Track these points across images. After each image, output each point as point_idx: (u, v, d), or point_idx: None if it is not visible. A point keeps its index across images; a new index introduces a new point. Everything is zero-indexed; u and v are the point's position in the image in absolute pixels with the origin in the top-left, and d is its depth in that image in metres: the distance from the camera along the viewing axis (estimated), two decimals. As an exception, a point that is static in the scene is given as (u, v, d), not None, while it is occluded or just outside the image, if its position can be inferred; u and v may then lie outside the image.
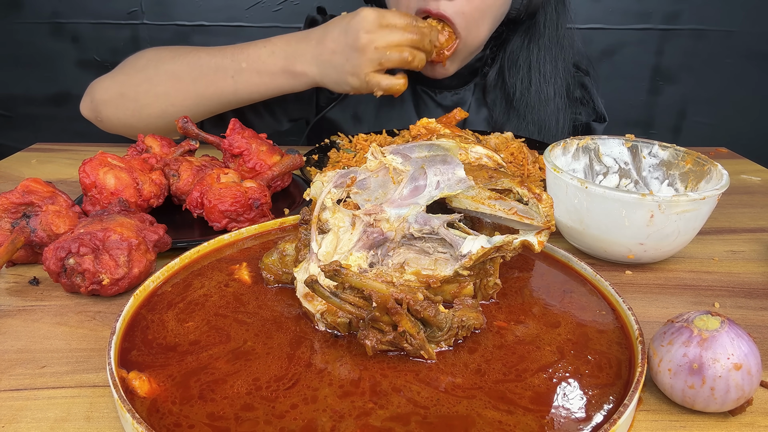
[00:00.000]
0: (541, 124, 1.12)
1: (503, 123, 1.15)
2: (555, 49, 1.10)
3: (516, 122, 1.14)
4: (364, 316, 0.49)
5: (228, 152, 0.88)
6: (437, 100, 1.17)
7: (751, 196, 0.98)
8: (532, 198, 0.56)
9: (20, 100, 1.91)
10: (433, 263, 0.56)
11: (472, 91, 1.17)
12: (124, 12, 1.78)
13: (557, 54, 1.11)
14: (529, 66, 1.10)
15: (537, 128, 1.12)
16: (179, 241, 0.72)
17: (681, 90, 1.93)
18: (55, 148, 1.18)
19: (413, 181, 0.58)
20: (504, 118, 1.15)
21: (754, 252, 0.78)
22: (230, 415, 0.43)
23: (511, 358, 0.51)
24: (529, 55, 1.10)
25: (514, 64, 1.11)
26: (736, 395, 0.46)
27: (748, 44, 1.86)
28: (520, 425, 0.43)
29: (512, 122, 1.14)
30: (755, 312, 0.64)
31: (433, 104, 1.17)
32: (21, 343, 0.56)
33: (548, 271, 0.66)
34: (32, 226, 0.68)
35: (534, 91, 1.10)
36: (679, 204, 0.65)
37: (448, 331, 0.51)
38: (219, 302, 0.58)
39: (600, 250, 0.72)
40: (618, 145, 0.83)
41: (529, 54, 1.10)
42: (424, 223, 0.56)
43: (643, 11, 1.83)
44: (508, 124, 1.15)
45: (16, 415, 0.47)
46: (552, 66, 1.10)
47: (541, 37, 1.10)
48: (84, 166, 0.75)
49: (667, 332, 0.48)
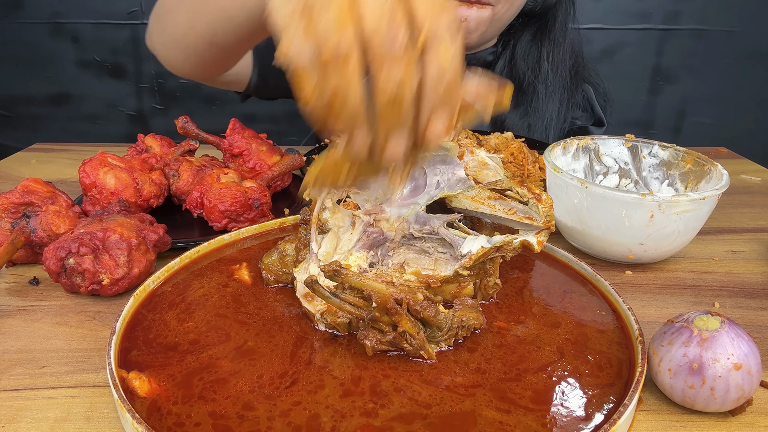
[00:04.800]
0: (545, 115, 1.13)
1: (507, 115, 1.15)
2: (563, 44, 1.12)
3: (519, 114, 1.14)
4: (363, 317, 0.49)
5: (228, 152, 0.88)
6: None
7: (751, 196, 0.98)
8: (532, 198, 0.56)
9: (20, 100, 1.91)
10: (433, 263, 0.56)
11: None
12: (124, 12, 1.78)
13: (565, 48, 1.12)
14: (539, 56, 1.11)
15: (541, 120, 1.13)
16: (179, 241, 0.72)
17: (681, 90, 1.94)
18: (55, 148, 1.18)
19: (413, 181, 0.58)
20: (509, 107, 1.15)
21: (754, 252, 0.78)
22: (232, 414, 0.43)
23: (510, 358, 0.51)
24: (540, 47, 1.12)
25: (526, 53, 1.12)
26: (736, 395, 0.46)
27: (748, 44, 1.87)
28: (520, 425, 0.43)
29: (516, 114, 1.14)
30: (755, 312, 0.64)
31: None
32: (21, 343, 0.56)
33: (548, 271, 0.66)
34: (32, 226, 0.68)
35: (542, 79, 1.11)
36: (679, 204, 0.65)
37: (448, 331, 0.51)
38: (219, 302, 0.58)
39: (600, 250, 0.72)
40: (618, 145, 0.83)
41: (540, 45, 1.12)
42: (424, 223, 0.56)
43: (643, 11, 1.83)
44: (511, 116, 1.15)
45: (16, 415, 0.47)
46: (560, 58, 1.12)
47: (551, 31, 1.11)
48: (84, 166, 0.75)
49: (667, 332, 0.48)
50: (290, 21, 0.38)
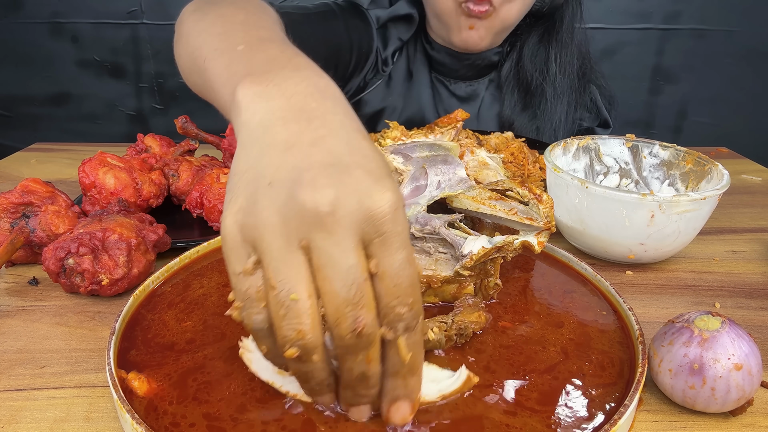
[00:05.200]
0: (553, 117, 1.13)
1: (515, 118, 1.15)
2: (571, 45, 1.12)
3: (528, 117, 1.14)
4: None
5: (228, 152, 0.88)
6: (451, 89, 1.17)
7: (751, 196, 0.98)
8: (532, 198, 0.56)
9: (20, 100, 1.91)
10: (434, 263, 0.55)
11: (486, 85, 1.17)
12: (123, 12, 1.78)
13: (572, 49, 1.12)
14: (546, 57, 1.11)
15: (549, 122, 1.13)
16: (179, 241, 0.72)
17: (681, 90, 1.94)
18: (54, 148, 1.18)
19: (414, 181, 0.58)
20: (517, 110, 1.15)
21: (754, 252, 0.78)
22: (225, 416, 0.43)
23: (518, 359, 0.50)
24: (547, 48, 1.12)
25: (533, 55, 1.12)
26: (737, 396, 0.46)
27: (748, 44, 1.86)
28: (526, 427, 0.43)
29: (525, 116, 1.14)
30: (756, 312, 0.64)
31: (447, 93, 1.17)
32: (20, 343, 0.56)
33: (549, 272, 0.66)
34: (31, 226, 0.67)
35: (550, 81, 1.11)
36: (679, 204, 0.65)
37: (447, 343, 0.51)
38: (218, 302, 0.58)
39: (600, 250, 0.72)
40: (618, 145, 0.83)
41: (548, 47, 1.12)
42: (425, 223, 0.55)
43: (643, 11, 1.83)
44: (519, 119, 1.15)
45: (16, 416, 0.47)
46: (568, 60, 1.12)
47: (558, 32, 1.11)
48: (83, 166, 0.75)
49: (667, 332, 0.48)
50: (246, 290, 0.36)
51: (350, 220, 0.34)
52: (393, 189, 0.35)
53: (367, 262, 0.35)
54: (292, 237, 0.34)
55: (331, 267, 0.34)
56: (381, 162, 0.37)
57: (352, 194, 0.34)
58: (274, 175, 0.35)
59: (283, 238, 0.34)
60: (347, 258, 0.34)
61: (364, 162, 0.36)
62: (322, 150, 0.36)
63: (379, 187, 0.35)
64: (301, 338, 0.35)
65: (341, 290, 0.34)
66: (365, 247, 0.35)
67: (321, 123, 0.37)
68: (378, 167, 0.36)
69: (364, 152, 0.37)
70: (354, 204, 0.34)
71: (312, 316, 0.34)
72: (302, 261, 0.34)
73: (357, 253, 0.34)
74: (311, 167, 0.35)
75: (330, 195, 0.34)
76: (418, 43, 1.17)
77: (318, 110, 0.38)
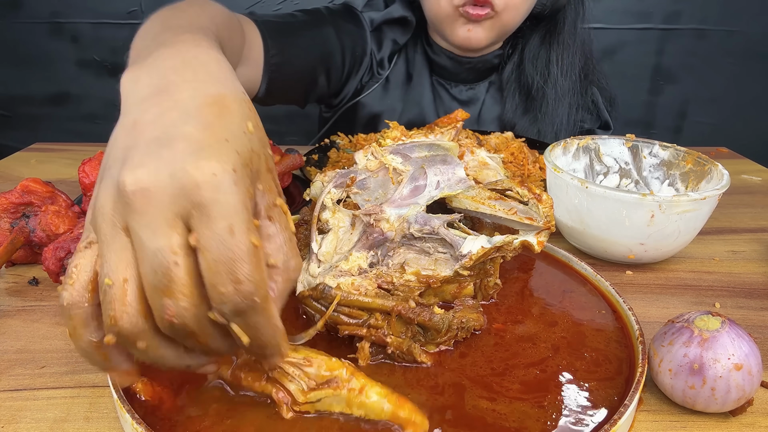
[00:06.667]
0: (555, 120, 1.12)
1: (517, 121, 1.15)
2: (573, 47, 1.11)
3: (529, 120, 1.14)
4: (357, 332, 0.49)
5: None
6: (452, 93, 1.17)
7: (751, 196, 0.98)
8: (532, 198, 0.56)
9: (20, 100, 1.91)
10: (433, 263, 0.55)
11: (486, 88, 1.17)
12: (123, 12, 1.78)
13: (575, 50, 1.12)
14: (548, 60, 1.11)
15: (551, 125, 1.13)
16: (179, 241, 0.71)
17: (681, 90, 1.94)
18: (54, 148, 1.18)
19: (413, 181, 0.58)
20: (518, 112, 1.15)
21: (754, 252, 0.78)
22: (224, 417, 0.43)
23: (513, 360, 0.51)
24: (549, 50, 1.11)
25: (535, 57, 1.12)
26: (737, 395, 0.46)
27: (748, 44, 1.86)
28: (524, 427, 0.43)
29: (526, 119, 1.14)
30: (756, 312, 0.64)
31: (448, 97, 1.17)
32: (20, 343, 0.56)
33: (548, 271, 0.66)
34: (32, 226, 0.67)
35: (552, 84, 1.11)
36: (679, 204, 0.65)
37: (447, 333, 0.51)
38: (219, 302, 0.58)
39: (600, 250, 0.72)
40: (618, 144, 0.83)
41: (549, 49, 1.11)
42: (424, 223, 0.55)
43: (643, 11, 1.83)
44: (521, 122, 1.15)
45: (16, 416, 0.47)
46: (570, 61, 1.11)
47: (560, 33, 1.10)
48: (83, 166, 0.75)
49: (667, 332, 0.48)
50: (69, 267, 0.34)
51: (162, 198, 0.31)
52: (217, 156, 0.32)
53: (185, 240, 0.32)
54: (117, 220, 0.33)
55: (141, 250, 0.32)
56: (219, 128, 0.34)
57: (165, 169, 0.32)
58: (110, 158, 0.35)
59: (109, 222, 0.33)
60: (155, 240, 0.31)
61: (195, 131, 0.33)
62: (157, 125, 0.34)
63: (196, 156, 0.32)
64: (114, 324, 0.32)
65: (149, 275, 0.32)
66: (186, 223, 0.32)
67: (169, 96, 0.35)
68: (208, 135, 0.33)
69: (200, 120, 0.34)
70: (166, 179, 0.31)
71: (122, 302, 0.32)
72: (125, 244, 0.32)
73: (166, 232, 0.31)
74: (137, 145, 0.33)
75: (142, 174, 0.32)
76: (418, 46, 1.16)
77: (174, 83, 0.36)
